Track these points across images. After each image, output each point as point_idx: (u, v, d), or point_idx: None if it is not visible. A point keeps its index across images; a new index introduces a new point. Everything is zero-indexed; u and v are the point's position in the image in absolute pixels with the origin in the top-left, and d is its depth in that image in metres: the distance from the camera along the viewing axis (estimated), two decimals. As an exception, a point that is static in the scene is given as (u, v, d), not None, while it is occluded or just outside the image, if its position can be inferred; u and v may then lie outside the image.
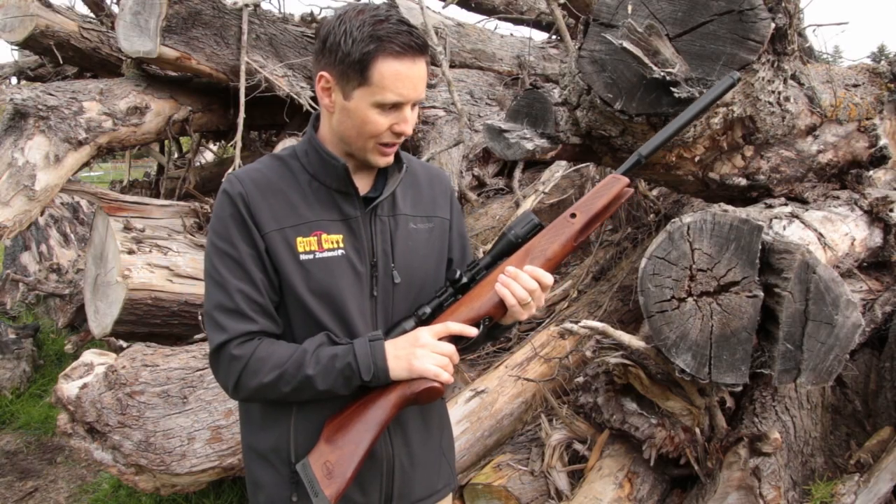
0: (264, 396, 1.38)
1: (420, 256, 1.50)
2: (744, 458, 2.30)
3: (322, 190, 1.43)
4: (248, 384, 1.34)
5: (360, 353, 1.33)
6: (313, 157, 1.43)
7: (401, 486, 1.49)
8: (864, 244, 2.70)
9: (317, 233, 1.39)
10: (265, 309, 1.37)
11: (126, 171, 7.30)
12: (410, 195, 1.54)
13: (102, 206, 3.67)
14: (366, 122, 1.34)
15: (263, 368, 1.33)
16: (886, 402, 2.62)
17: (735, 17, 1.92)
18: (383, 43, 1.29)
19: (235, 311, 1.34)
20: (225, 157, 6.96)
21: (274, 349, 1.35)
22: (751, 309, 1.91)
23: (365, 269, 1.43)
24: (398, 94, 1.32)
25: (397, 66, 1.30)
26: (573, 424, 2.65)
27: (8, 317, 5.96)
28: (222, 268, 1.36)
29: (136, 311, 3.45)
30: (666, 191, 3.79)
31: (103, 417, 2.64)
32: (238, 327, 1.34)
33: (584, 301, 3.55)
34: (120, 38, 4.11)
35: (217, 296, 1.36)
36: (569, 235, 1.36)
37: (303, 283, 1.38)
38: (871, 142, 2.93)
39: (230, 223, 1.37)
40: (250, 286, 1.35)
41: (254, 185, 1.40)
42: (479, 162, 4.74)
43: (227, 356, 1.34)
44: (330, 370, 1.32)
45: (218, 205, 1.41)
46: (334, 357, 1.33)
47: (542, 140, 2.27)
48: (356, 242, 1.42)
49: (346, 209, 1.43)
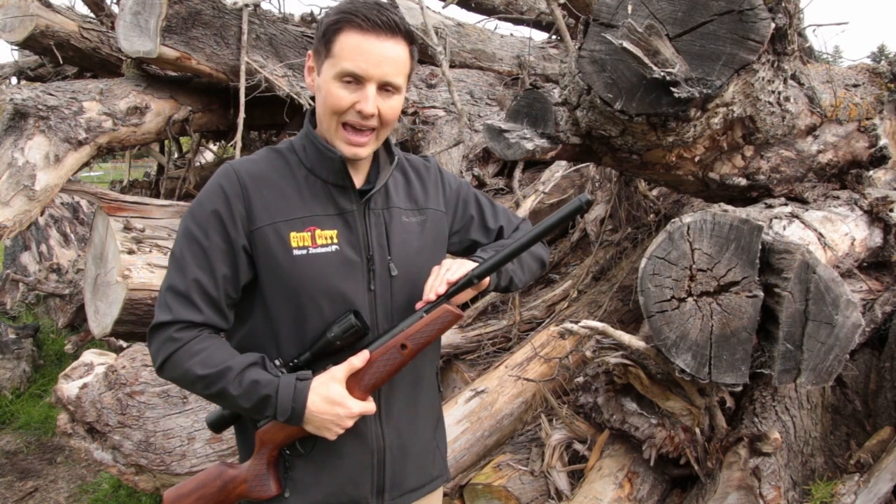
0: (186, 387, 1.42)
1: (415, 249, 1.51)
2: (744, 458, 2.30)
3: (318, 184, 1.43)
4: (173, 369, 1.37)
5: (283, 393, 1.34)
6: (311, 151, 1.44)
7: (392, 477, 1.50)
8: (864, 244, 2.70)
9: (311, 228, 1.40)
10: (216, 303, 1.38)
11: (126, 171, 7.30)
12: (402, 189, 1.55)
13: (102, 206, 3.67)
14: (329, 95, 1.36)
15: (192, 361, 1.34)
16: (886, 402, 2.62)
17: (735, 17, 1.92)
18: (347, 16, 1.32)
19: (185, 297, 1.36)
20: (225, 157, 6.97)
21: (208, 346, 1.36)
22: (751, 309, 1.91)
23: (361, 262, 1.43)
24: (355, 65, 1.32)
25: (358, 40, 1.32)
26: (573, 424, 2.65)
27: (8, 317, 5.96)
28: (187, 253, 1.37)
29: (136, 311, 3.45)
30: (666, 191, 3.79)
31: (103, 417, 2.64)
32: (183, 313, 1.36)
33: (584, 301, 3.55)
34: (120, 38, 4.11)
35: (174, 277, 1.38)
36: (398, 364, 1.42)
37: (296, 279, 1.38)
38: (871, 142, 2.93)
39: (211, 216, 1.38)
40: (208, 277, 1.36)
41: (250, 179, 1.40)
42: (479, 162, 4.74)
43: (164, 336, 1.37)
44: (250, 394, 1.34)
45: (207, 193, 1.41)
46: (256, 383, 1.34)
47: (542, 140, 2.27)
48: (351, 237, 1.43)
49: (341, 203, 1.43)
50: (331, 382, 1.37)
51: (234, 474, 1.45)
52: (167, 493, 1.47)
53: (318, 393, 1.36)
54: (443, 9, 5.58)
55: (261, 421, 1.43)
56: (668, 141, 2.19)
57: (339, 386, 1.37)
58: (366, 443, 1.46)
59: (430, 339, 1.44)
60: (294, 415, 1.35)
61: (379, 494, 1.49)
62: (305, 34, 4.88)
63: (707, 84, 1.94)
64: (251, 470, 1.44)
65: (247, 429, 1.49)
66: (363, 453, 1.46)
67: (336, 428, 1.37)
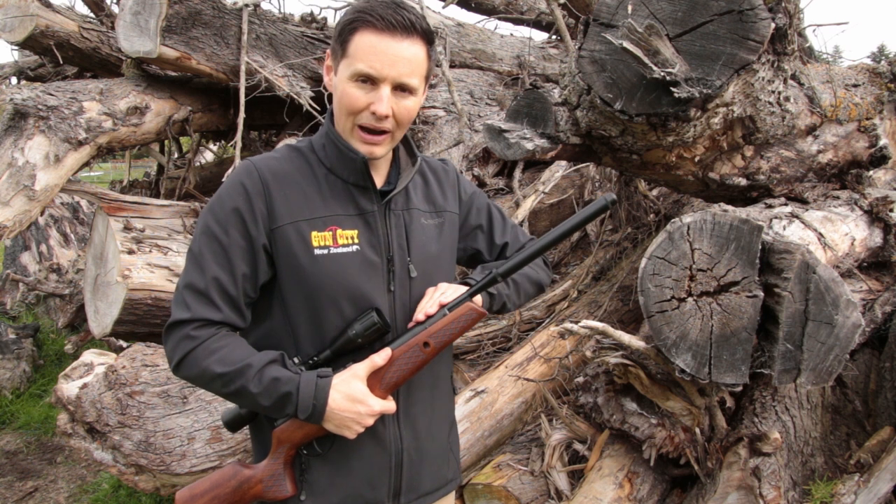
0: (203, 385, 1.39)
1: (433, 251, 1.51)
2: (744, 458, 2.30)
3: (338, 184, 1.42)
4: (190, 367, 1.35)
5: (304, 390, 1.33)
6: (331, 151, 1.43)
7: (409, 480, 1.49)
8: (864, 244, 2.70)
9: (332, 228, 1.39)
10: (234, 301, 1.37)
11: (126, 171, 7.30)
12: (420, 190, 1.54)
13: (102, 206, 3.67)
14: (344, 95, 1.35)
15: (210, 359, 1.33)
16: (886, 402, 2.62)
17: (735, 17, 1.92)
18: (363, 16, 1.31)
19: (204, 295, 1.35)
20: (225, 157, 6.97)
21: (227, 344, 1.35)
22: (751, 309, 1.91)
23: (381, 263, 1.42)
24: (370, 66, 1.31)
25: (373, 40, 1.31)
26: (573, 424, 2.65)
27: (8, 317, 5.96)
28: (206, 250, 1.36)
29: (136, 311, 3.45)
30: (666, 191, 3.79)
31: (103, 417, 2.64)
32: (201, 311, 1.34)
33: (584, 301, 3.55)
34: (120, 38, 4.11)
35: (192, 275, 1.36)
36: (419, 363, 1.42)
37: (317, 278, 1.37)
38: (871, 142, 2.93)
39: (231, 213, 1.36)
40: (227, 276, 1.35)
41: (272, 176, 1.39)
42: (479, 162, 4.74)
43: (181, 334, 1.35)
44: (270, 391, 1.33)
45: (227, 189, 1.39)
46: (276, 381, 1.33)
47: (542, 140, 2.27)
48: (372, 237, 1.42)
49: (362, 203, 1.42)
50: (352, 380, 1.36)
51: (249, 474, 1.44)
52: (180, 494, 1.45)
53: (340, 390, 1.34)
54: (443, 9, 5.58)
55: (278, 420, 1.42)
56: (668, 141, 2.19)
57: (360, 383, 1.36)
58: (383, 445, 1.45)
59: (452, 337, 1.43)
60: (315, 412, 1.33)
61: (395, 497, 1.48)
62: (305, 34, 4.88)
63: (707, 84, 1.94)
64: (267, 469, 1.43)
65: (263, 427, 1.48)
66: (381, 455, 1.45)
67: (356, 426, 1.36)
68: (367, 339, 1.38)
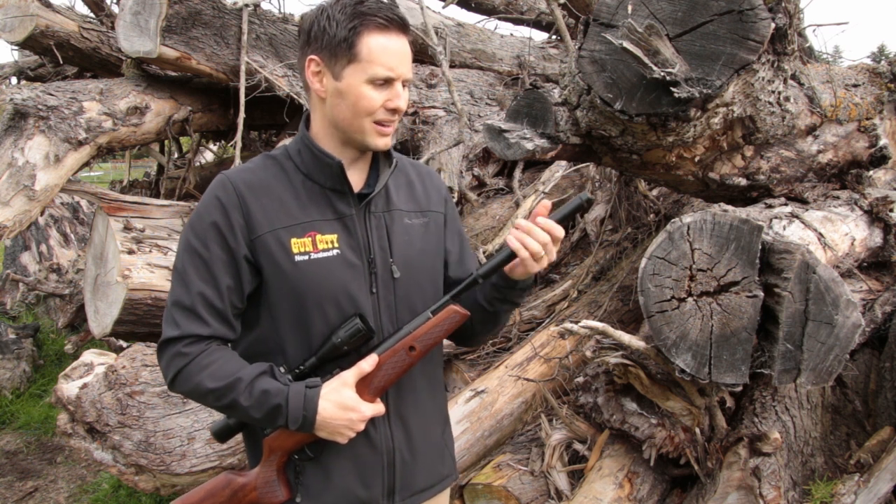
0: (198, 400, 1.42)
1: (417, 250, 1.51)
2: (744, 458, 2.30)
3: (316, 189, 1.43)
4: (184, 383, 1.37)
5: (293, 402, 1.35)
6: (307, 156, 1.43)
7: (402, 478, 1.50)
8: (864, 244, 2.70)
9: (311, 233, 1.40)
10: (222, 314, 1.39)
11: (126, 171, 7.30)
12: (404, 191, 1.54)
13: (102, 206, 3.67)
14: (360, 99, 1.35)
15: (202, 375, 1.35)
16: (886, 402, 2.62)
17: (735, 17, 1.92)
18: (367, 17, 1.32)
19: (191, 311, 1.36)
20: (225, 157, 6.97)
21: (217, 358, 1.37)
22: (751, 309, 1.91)
23: (362, 266, 1.43)
24: (388, 68, 1.34)
25: (383, 40, 1.33)
26: (573, 424, 2.65)
27: (8, 317, 5.96)
28: (189, 266, 1.38)
29: (136, 311, 3.45)
30: (666, 191, 3.79)
31: (103, 417, 2.64)
32: (190, 327, 1.36)
33: (584, 301, 3.55)
34: (120, 38, 4.11)
35: (178, 292, 1.38)
36: (406, 366, 1.44)
37: (299, 284, 1.38)
38: (871, 142, 2.93)
39: (209, 228, 1.38)
40: (212, 290, 1.37)
41: (246, 188, 1.40)
42: (479, 162, 4.74)
43: (172, 352, 1.37)
44: (261, 404, 1.34)
45: (204, 204, 1.41)
46: (266, 393, 1.34)
47: (542, 140, 2.27)
48: (351, 240, 1.43)
49: (340, 207, 1.43)
50: (342, 388, 1.37)
51: (243, 482, 1.45)
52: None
53: (330, 399, 1.36)
54: (443, 9, 5.58)
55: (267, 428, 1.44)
56: (668, 141, 2.19)
57: (350, 391, 1.38)
58: (375, 444, 1.46)
59: (437, 340, 1.45)
60: (305, 423, 1.35)
61: (389, 496, 1.49)
62: (305, 34, 4.87)
63: (707, 84, 1.94)
64: (261, 477, 1.44)
65: (255, 435, 1.49)
66: (373, 455, 1.46)
67: (349, 432, 1.38)
68: (352, 346, 1.40)
